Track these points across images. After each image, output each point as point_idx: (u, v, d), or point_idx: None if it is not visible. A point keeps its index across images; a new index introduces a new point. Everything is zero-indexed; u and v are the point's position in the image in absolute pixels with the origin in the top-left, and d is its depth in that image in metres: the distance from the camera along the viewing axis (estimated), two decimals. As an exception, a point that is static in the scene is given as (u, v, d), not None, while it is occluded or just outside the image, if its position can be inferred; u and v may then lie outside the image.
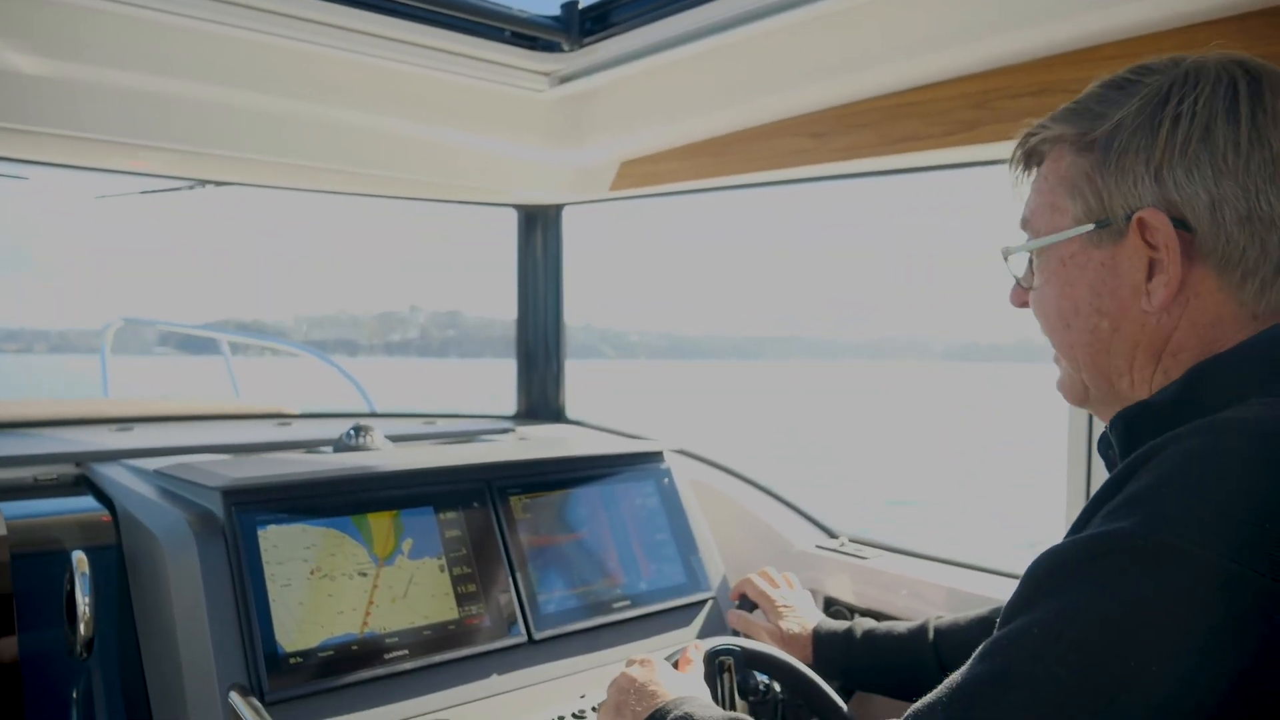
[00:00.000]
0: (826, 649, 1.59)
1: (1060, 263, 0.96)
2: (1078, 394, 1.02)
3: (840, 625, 1.62)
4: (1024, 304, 1.06)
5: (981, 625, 1.47)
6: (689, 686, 1.22)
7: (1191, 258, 0.88)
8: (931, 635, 1.51)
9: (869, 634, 1.57)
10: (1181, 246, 0.87)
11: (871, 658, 1.55)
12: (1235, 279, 0.88)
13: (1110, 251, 0.92)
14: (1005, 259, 1.04)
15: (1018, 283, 1.05)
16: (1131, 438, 0.92)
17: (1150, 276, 0.90)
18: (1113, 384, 0.97)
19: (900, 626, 1.57)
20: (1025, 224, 1.02)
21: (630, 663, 1.26)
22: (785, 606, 1.70)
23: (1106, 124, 0.91)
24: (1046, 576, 0.77)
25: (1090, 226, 0.93)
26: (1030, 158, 1.02)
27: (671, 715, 1.11)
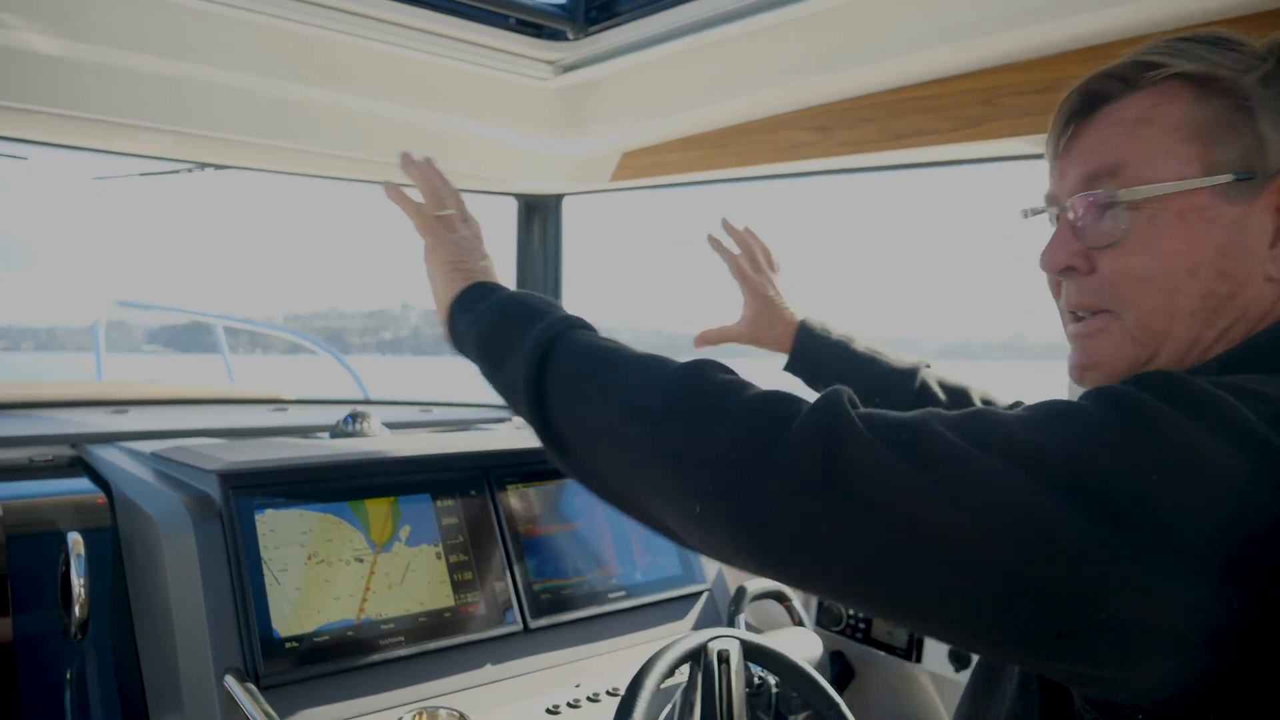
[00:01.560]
0: (807, 352, 1.47)
1: (1178, 217, 0.84)
2: (1128, 365, 0.88)
3: (831, 332, 1.48)
4: (1066, 268, 0.91)
5: (966, 395, 1.40)
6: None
7: None
8: (917, 383, 1.41)
9: (855, 357, 1.45)
10: None
11: (848, 380, 1.24)
12: None
13: (1244, 208, 0.83)
14: (1086, 204, 0.88)
15: (1078, 237, 0.89)
16: None
17: (1273, 241, 0.84)
18: (1183, 360, 0.87)
19: (890, 362, 1.44)
20: (1113, 171, 0.87)
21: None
22: (772, 294, 1.55)
23: (1258, 70, 0.84)
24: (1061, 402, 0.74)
25: (1229, 177, 0.83)
26: (1104, 97, 0.90)
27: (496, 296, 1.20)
